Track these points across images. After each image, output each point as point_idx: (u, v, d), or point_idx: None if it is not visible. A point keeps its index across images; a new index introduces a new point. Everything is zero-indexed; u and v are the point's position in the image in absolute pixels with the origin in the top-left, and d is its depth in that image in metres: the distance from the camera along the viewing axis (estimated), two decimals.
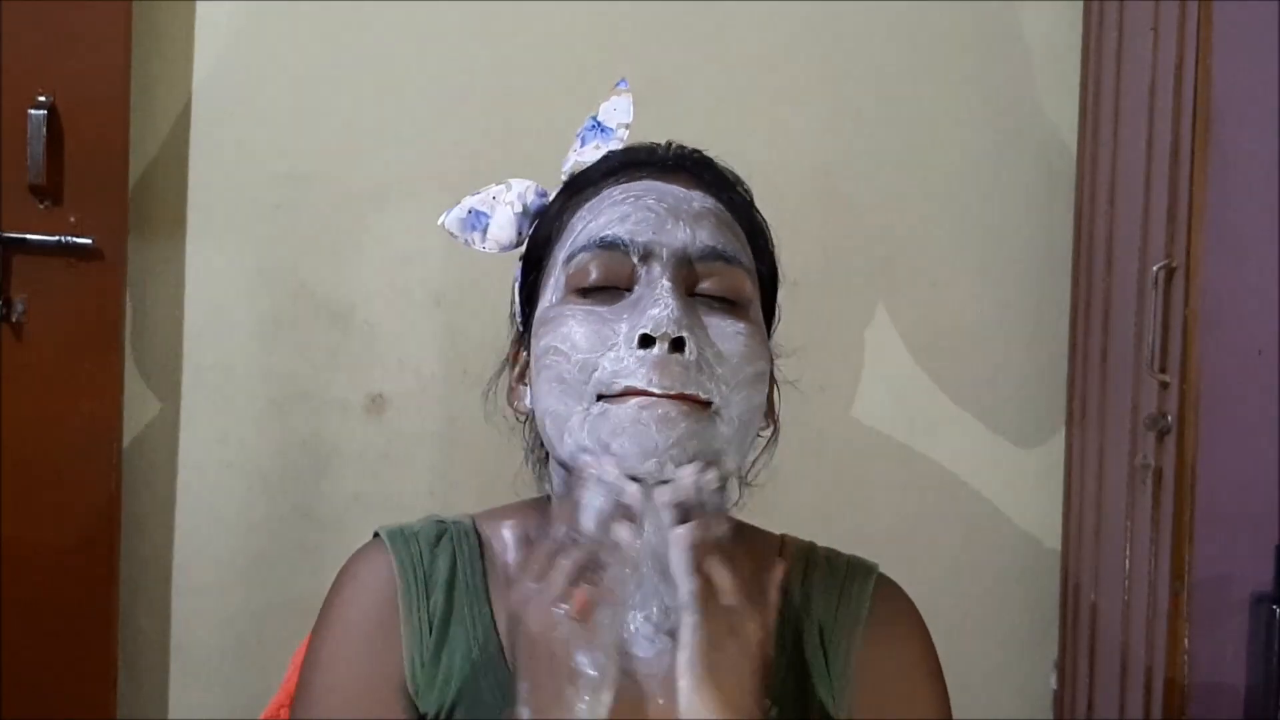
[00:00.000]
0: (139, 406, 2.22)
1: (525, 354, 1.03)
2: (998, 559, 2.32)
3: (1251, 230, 1.67)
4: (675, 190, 0.99)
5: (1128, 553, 1.92)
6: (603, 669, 0.87)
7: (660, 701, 1.00)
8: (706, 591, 0.89)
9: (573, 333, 0.95)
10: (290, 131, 2.22)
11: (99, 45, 2.09)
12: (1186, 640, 1.70)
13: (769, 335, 1.04)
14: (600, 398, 0.93)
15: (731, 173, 1.06)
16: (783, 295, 1.07)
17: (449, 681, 1.00)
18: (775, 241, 1.06)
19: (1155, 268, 1.79)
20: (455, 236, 1.06)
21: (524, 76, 2.20)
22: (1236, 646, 1.68)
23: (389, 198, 2.21)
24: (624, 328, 0.93)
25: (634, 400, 0.91)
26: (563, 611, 0.87)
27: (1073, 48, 2.25)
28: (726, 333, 0.95)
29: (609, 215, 0.97)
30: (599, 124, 1.06)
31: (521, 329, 1.05)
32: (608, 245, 0.96)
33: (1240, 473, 1.68)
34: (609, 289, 0.96)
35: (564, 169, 1.06)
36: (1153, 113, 1.86)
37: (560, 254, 0.99)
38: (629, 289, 0.95)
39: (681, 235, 0.96)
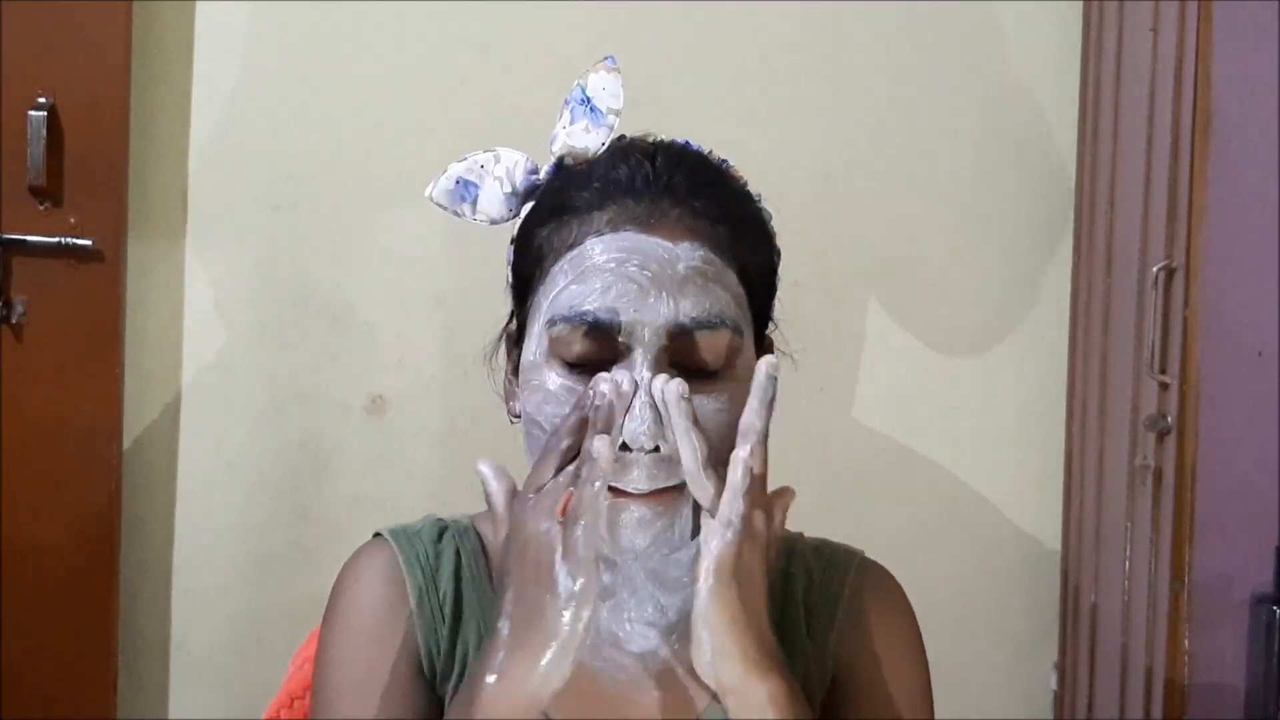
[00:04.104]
0: (139, 406, 2.22)
1: (518, 352, 1.03)
2: (998, 559, 2.32)
3: (1251, 230, 1.68)
4: (659, 251, 0.96)
5: (1128, 553, 1.92)
6: (584, 586, 0.88)
7: (656, 694, 1.01)
8: (750, 512, 0.91)
9: (554, 416, 0.96)
10: (290, 132, 2.22)
11: (99, 45, 2.09)
12: (1186, 641, 1.70)
13: (763, 335, 1.04)
14: None
15: (723, 181, 1.03)
16: (783, 295, 1.07)
17: (465, 667, 1.02)
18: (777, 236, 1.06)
19: (1155, 268, 1.79)
20: (444, 208, 1.03)
21: (524, 77, 2.20)
22: (1236, 647, 1.68)
23: (389, 198, 2.21)
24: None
25: (612, 500, 0.93)
26: (556, 522, 0.89)
27: (1073, 48, 2.25)
28: (706, 411, 0.94)
29: (590, 283, 0.95)
30: (589, 100, 1.03)
31: (515, 326, 1.05)
32: (589, 322, 0.94)
33: (1240, 473, 1.68)
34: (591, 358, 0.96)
35: (553, 147, 1.03)
36: (1153, 113, 1.86)
37: (543, 302, 0.98)
38: (611, 359, 0.95)
39: (664, 311, 0.94)
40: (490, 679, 0.89)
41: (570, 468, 0.91)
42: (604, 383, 0.92)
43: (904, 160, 2.27)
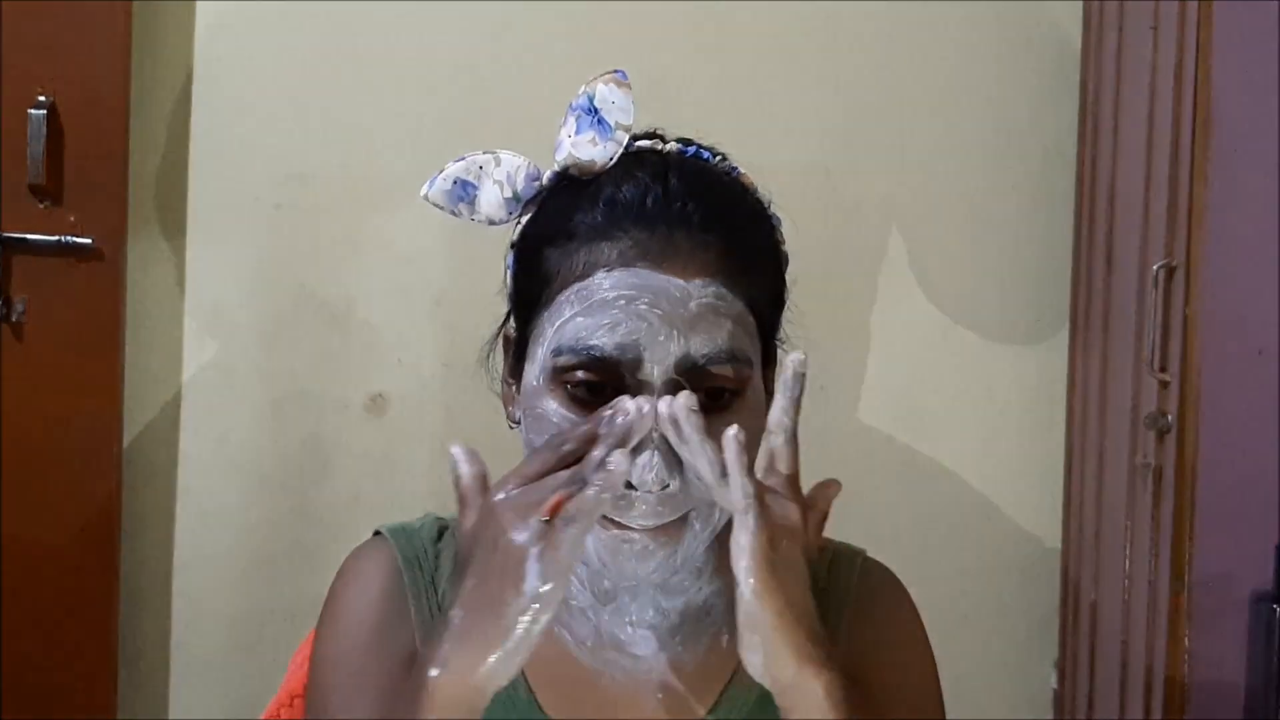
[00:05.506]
0: (139, 406, 2.22)
1: (514, 362, 1.02)
2: (998, 559, 2.32)
3: (1251, 230, 1.68)
4: (670, 289, 0.93)
5: (1128, 553, 1.92)
6: (551, 590, 0.85)
7: (659, 697, 1.01)
8: (762, 492, 0.89)
9: None
10: (290, 131, 2.22)
11: (99, 45, 2.09)
12: (1186, 640, 1.70)
13: (767, 346, 1.02)
14: None
15: (736, 203, 1.00)
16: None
17: None
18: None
19: (1155, 268, 1.79)
20: (441, 208, 1.01)
21: (525, 76, 2.20)
22: (1236, 646, 1.68)
23: (389, 198, 2.21)
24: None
25: (613, 532, 0.92)
26: (535, 520, 0.86)
27: (1073, 48, 2.25)
28: (717, 432, 0.91)
29: (598, 318, 0.93)
30: (596, 111, 0.99)
31: (514, 330, 1.03)
32: (596, 358, 0.93)
33: (1240, 473, 1.68)
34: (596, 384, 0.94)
35: (557, 155, 1.00)
36: (1153, 113, 1.86)
37: (547, 328, 0.95)
38: (617, 392, 0.93)
39: (674, 349, 0.92)
40: (434, 671, 0.87)
41: (565, 473, 0.89)
42: (628, 402, 0.90)
43: (904, 158, 2.27)
